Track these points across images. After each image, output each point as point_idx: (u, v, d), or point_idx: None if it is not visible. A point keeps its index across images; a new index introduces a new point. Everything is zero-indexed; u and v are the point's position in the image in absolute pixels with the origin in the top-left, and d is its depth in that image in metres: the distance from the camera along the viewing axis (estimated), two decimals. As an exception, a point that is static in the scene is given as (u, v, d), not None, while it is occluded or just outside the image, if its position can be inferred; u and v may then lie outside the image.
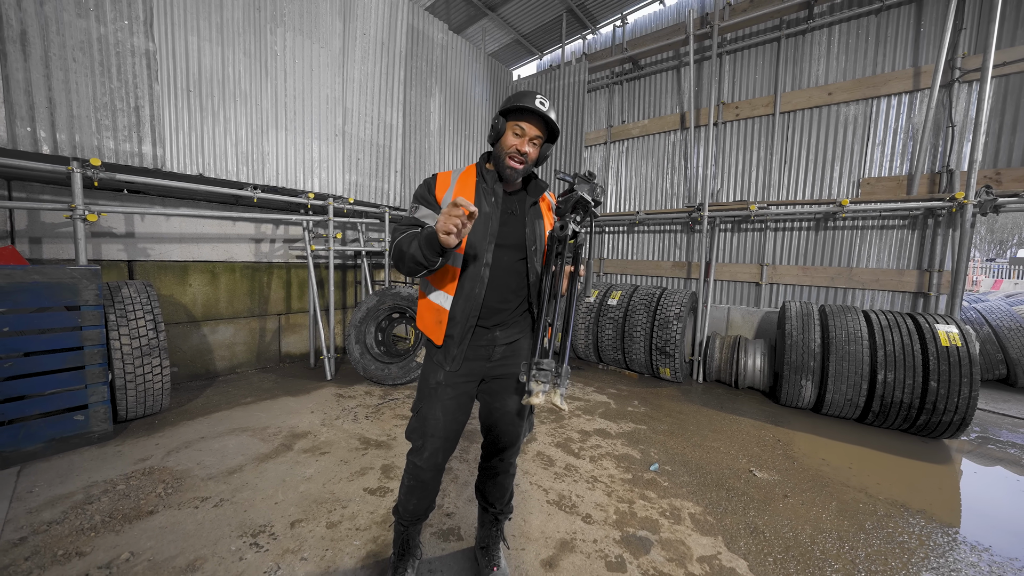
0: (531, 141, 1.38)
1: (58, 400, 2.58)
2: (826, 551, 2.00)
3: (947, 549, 2.03)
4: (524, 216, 1.48)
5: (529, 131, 1.36)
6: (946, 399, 3.08)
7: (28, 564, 1.69)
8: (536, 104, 1.32)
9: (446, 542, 1.95)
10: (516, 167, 1.39)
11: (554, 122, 1.37)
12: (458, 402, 1.49)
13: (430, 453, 1.49)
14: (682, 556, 1.93)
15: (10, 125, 2.45)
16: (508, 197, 1.49)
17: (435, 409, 1.48)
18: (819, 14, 4.63)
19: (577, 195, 1.27)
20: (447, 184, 1.46)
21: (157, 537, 1.90)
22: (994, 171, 3.72)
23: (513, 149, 1.37)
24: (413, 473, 1.55)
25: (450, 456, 1.56)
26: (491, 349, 1.49)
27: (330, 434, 3.03)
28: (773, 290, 4.99)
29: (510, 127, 1.37)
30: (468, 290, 1.41)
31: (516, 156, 1.38)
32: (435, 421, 1.48)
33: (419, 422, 1.51)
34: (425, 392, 1.51)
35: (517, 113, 1.37)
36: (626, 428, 3.36)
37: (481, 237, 1.40)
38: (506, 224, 1.45)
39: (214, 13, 3.30)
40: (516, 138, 1.37)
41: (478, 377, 1.52)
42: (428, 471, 1.52)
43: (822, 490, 2.55)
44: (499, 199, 1.45)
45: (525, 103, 1.32)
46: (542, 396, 1.15)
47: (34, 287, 2.46)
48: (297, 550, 1.86)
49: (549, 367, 1.18)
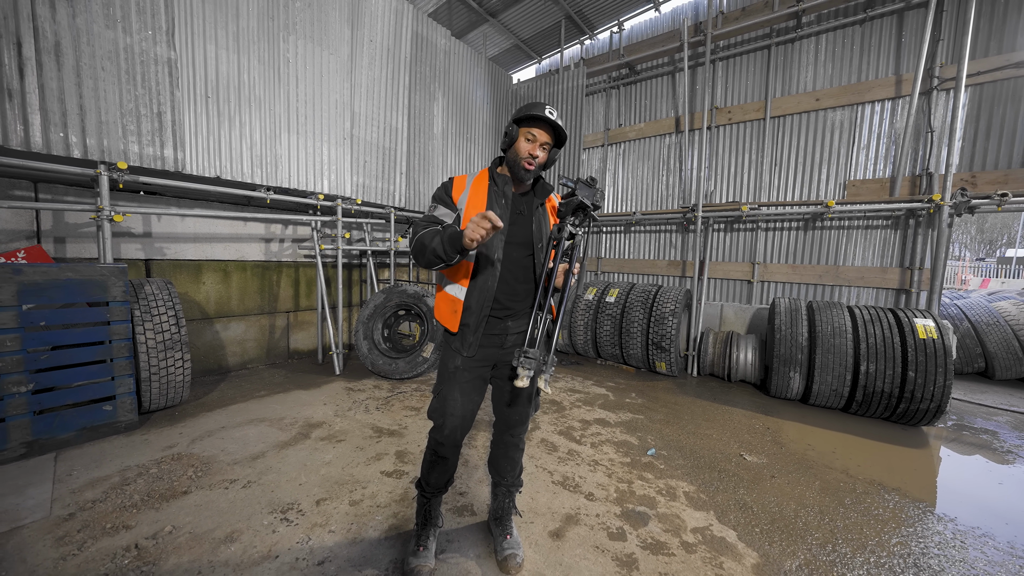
0: (541, 146, 1.55)
1: (88, 391, 2.72)
2: (808, 523, 2.19)
3: (916, 520, 2.23)
4: (531, 216, 1.65)
5: (540, 137, 1.53)
6: (923, 388, 3.29)
7: (81, 535, 1.85)
8: (546, 113, 1.50)
9: (461, 517, 2.12)
10: (529, 169, 1.56)
11: (562, 128, 1.54)
12: (474, 385, 1.66)
13: (450, 431, 1.66)
14: (677, 527, 2.11)
15: (45, 131, 2.59)
16: (518, 198, 1.65)
17: (454, 391, 1.64)
18: (807, 23, 4.84)
19: (577, 200, 1.42)
20: (463, 187, 1.63)
21: (194, 513, 2.05)
22: (970, 174, 3.94)
23: (526, 153, 1.54)
24: (435, 449, 1.72)
25: (467, 432, 1.73)
26: (503, 337, 1.66)
27: (344, 424, 3.19)
28: (764, 288, 5.20)
29: (523, 133, 1.54)
30: (481, 283, 1.58)
31: (528, 159, 1.55)
32: (454, 402, 1.64)
33: (440, 403, 1.67)
34: (445, 376, 1.68)
35: (529, 121, 1.53)
36: (624, 417, 3.54)
37: (495, 237, 1.56)
38: (515, 223, 1.62)
39: (231, 22, 3.45)
40: (528, 143, 1.54)
41: (491, 363, 1.69)
42: (448, 447, 1.69)
43: (807, 472, 2.75)
44: (509, 201, 1.61)
45: (536, 112, 1.49)
46: (527, 380, 1.32)
47: (67, 284, 2.60)
48: (324, 524, 2.02)
49: (535, 356, 1.34)
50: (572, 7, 6.35)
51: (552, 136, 1.56)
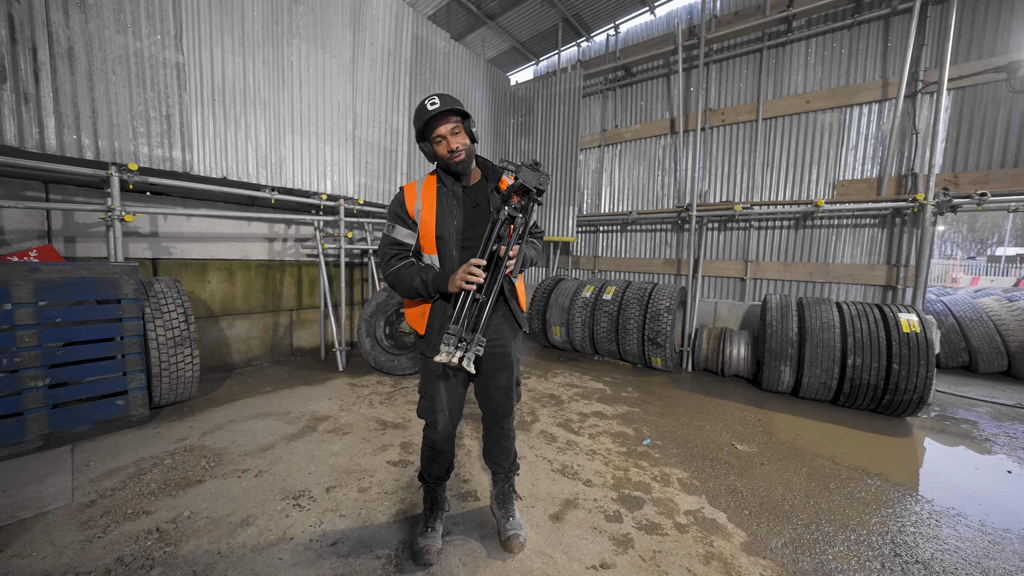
0: (453, 134, 1.54)
1: (101, 386, 2.81)
2: (794, 505, 2.32)
3: (896, 502, 2.36)
4: (488, 204, 1.65)
5: (444, 131, 1.54)
6: (907, 380, 3.42)
7: (104, 520, 1.94)
8: (430, 108, 1.50)
9: (465, 502, 2.22)
10: (460, 160, 1.56)
11: (454, 101, 1.52)
12: (456, 379, 1.72)
13: (442, 425, 1.74)
14: (670, 510, 2.23)
15: (59, 133, 2.67)
16: (471, 191, 1.66)
17: (438, 387, 1.71)
18: (798, 28, 4.97)
19: (518, 182, 1.44)
20: (413, 196, 1.65)
21: (210, 500, 2.15)
22: (953, 174, 4.09)
23: (446, 152, 1.56)
24: (430, 445, 1.81)
25: (458, 423, 1.82)
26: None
27: (349, 417, 3.29)
28: (757, 285, 5.34)
29: (432, 140, 1.58)
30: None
31: (452, 155, 1.55)
32: (440, 398, 1.72)
33: (428, 401, 1.75)
34: (427, 375, 1.74)
35: (427, 129, 1.55)
36: (621, 410, 3.66)
37: (449, 235, 1.59)
38: (473, 216, 1.63)
39: (236, 27, 3.53)
40: (441, 144, 1.56)
41: None
42: (442, 441, 1.78)
43: (795, 459, 2.87)
44: (459, 198, 1.64)
45: (425, 117, 1.50)
46: (446, 356, 1.36)
47: (82, 282, 2.69)
48: (335, 509, 2.12)
49: (456, 333, 1.39)
50: (569, 10, 6.46)
51: (453, 117, 1.54)
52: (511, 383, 1.80)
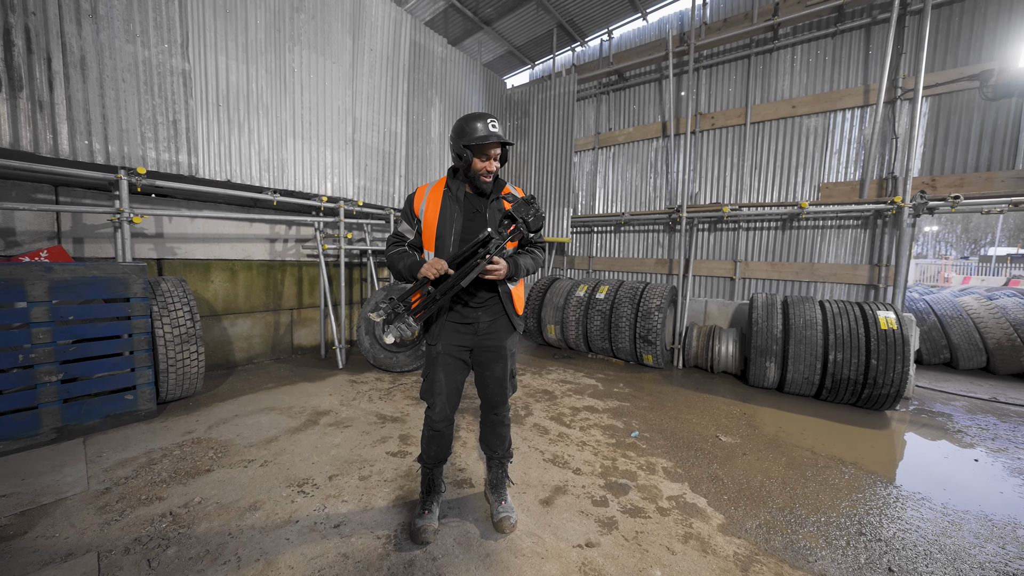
0: (495, 157, 1.76)
1: (111, 381, 2.92)
2: (771, 491, 2.46)
3: (866, 488, 2.51)
4: (486, 212, 1.86)
5: (494, 153, 1.76)
6: (884, 374, 3.58)
7: (120, 505, 2.06)
8: (491, 130, 1.70)
9: (461, 488, 2.35)
10: (487, 180, 1.79)
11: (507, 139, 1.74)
12: (455, 366, 1.90)
13: (440, 407, 1.91)
14: (654, 496, 2.37)
15: (72, 139, 2.79)
16: (473, 198, 1.84)
17: (439, 372, 1.89)
18: (784, 35, 5.13)
19: (509, 212, 1.71)
20: (421, 197, 1.86)
21: (219, 488, 2.27)
22: (930, 178, 4.25)
23: (484, 170, 1.77)
24: (430, 425, 1.97)
25: (456, 409, 1.97)
26: (476, 326, 1.89)
27: (350, 412, 3.41)
28: (745, 284, 5.49)
29: (478, 153, 1.75)
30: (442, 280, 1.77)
31: (486, 174, 1.78)
32: (439, 382, 1.89)
33: (429, 384, 1.92)
34: (430, 360, 1.92)
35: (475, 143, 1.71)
36: (611, 405, 3.80)
37: (448, 235, 1.80)
38: (472, 220, 1.81)
39: (240, 35, 3.65)
40: (485, 162, 1.77)
41: (468, 347, 1.92)
42: (440, 422, 1.94)
43: (775, 450, 3.02)
44: (461, 203, 1.83)
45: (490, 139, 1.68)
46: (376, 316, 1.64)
47: (93, 281, 2.80)
48: (337, 495, 2.25)
49: (393, 306, 1.65)
50: (564, 16, 6.61)
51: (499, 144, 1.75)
52: (506, 374, 1.96)
